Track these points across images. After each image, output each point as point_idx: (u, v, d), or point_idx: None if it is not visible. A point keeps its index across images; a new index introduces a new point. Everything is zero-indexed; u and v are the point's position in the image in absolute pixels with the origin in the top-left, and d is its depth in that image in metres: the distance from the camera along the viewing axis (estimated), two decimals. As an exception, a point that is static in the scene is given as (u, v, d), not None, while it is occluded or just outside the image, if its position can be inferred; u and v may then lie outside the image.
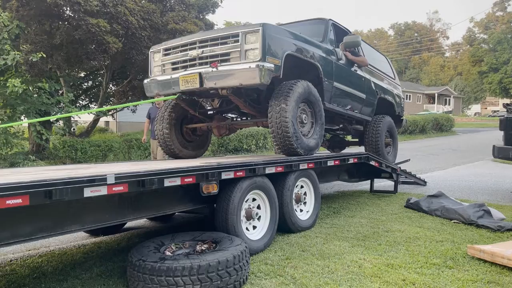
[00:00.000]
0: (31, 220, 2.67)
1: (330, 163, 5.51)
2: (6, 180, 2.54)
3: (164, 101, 5.96)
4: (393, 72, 8.72)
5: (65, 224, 2.84)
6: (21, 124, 12.34)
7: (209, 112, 6.26)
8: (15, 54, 8.67)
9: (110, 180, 2.78)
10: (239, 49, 4.59)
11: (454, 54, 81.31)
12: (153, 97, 5.69)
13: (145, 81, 5.60)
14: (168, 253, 3.29)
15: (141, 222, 5.75)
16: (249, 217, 4.13)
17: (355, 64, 6.59)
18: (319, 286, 3.21)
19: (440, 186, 8.39)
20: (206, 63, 4.81)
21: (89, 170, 3.71)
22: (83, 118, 19.12)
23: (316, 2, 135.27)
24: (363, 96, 6.87)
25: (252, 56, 4.53)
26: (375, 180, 7.95)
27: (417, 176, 8.55)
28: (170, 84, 5.20)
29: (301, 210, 5.06)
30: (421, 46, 78.43)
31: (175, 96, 5.33)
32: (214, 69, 4.66)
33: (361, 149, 7.84)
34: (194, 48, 4.94)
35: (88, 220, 3.02)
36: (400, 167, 7.55)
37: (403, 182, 8.54)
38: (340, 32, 6.51)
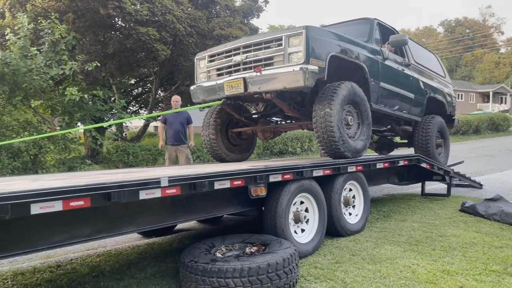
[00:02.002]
0: (91, 221, 2.81)
1: (379, 165, 5.39)
2: (68, 183, 2.72)
3: (209, 107, 6.08)
4: (443, 70, 8.38)
5: (122, 225, 2.98)
6: (78, 130, 13.02)
7: (253, 116, 6.32)
8: (72, 64, 9.21)
9: (164, 183, 2.89)
10: (282, 52, 4.60)
11: (510, 50, 76.61)
12: (199, 103, 5.81)
13: (192, 87, 5.74)
14: (218, 254, 3.36)
15: (191, 224, 5.90)
16: (297, 220, 4.13)
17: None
18: (371, 291, 3.15)
19: (498, 189, 7.94)
20: (250, 68, 4.85)
21: (142, 173, 3.87)
22: (134, 123, 19.87)
23: (362, 2, 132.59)
24: (412, 95, 6.66)
25: (295, 59, 4.51)
26: (427, 183, 7.68)
27: (472, 178, 8.16)
28: (215, 89, 5.29)
29: (350, 214, 4.98)
30: (474, 42, 74.58)
31: (221, 102, 5.43)
32: (258, 74, 4.69)
33: (410, 151, 7.59)
34: (238, 54, 5.00)
35: (143, 222, 3.14)
36: (453, 169, 7.25)
37: (457, 185, 8.16)
38: (386, 31, 6.36)
